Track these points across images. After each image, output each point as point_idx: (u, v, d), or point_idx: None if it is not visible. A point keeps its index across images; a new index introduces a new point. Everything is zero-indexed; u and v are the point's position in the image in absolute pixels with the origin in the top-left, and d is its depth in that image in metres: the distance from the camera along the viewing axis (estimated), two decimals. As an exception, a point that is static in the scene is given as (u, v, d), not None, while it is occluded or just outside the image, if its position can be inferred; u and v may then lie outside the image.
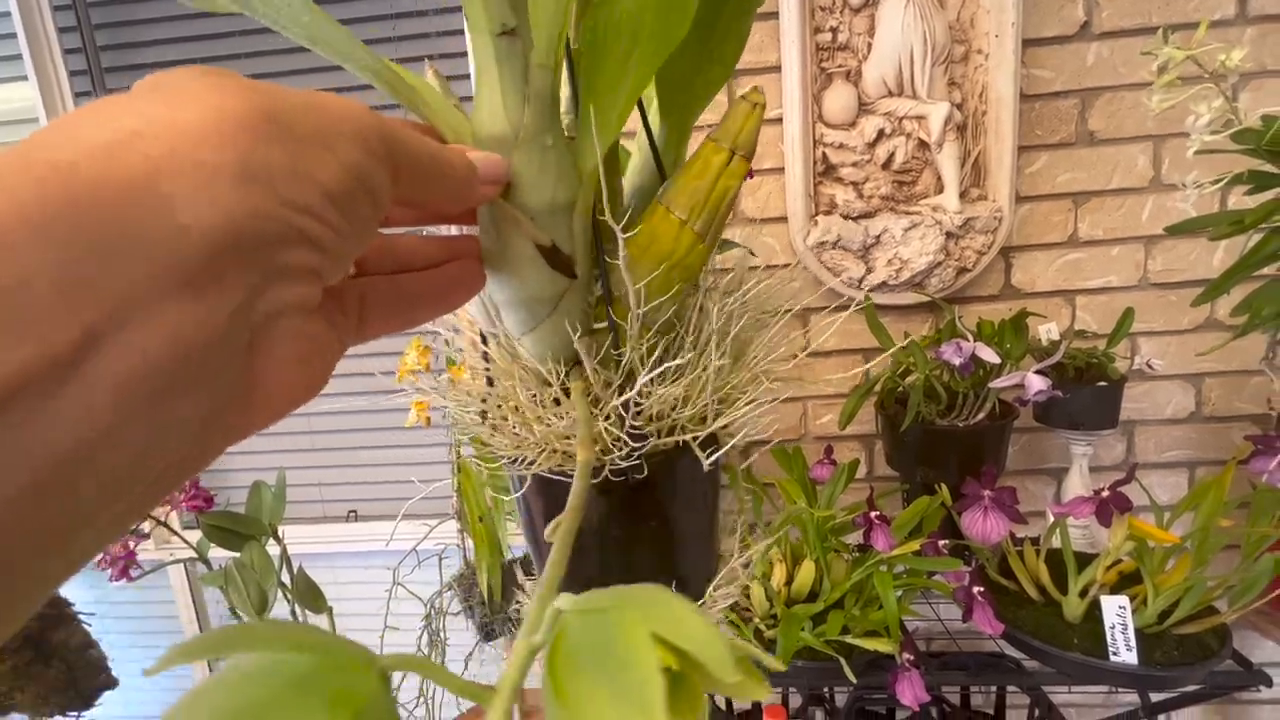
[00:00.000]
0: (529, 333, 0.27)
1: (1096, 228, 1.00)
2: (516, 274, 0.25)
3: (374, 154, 0.16)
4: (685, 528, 0.32)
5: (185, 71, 0.14)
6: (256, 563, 0.99)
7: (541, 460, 0.28)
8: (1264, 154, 0.38)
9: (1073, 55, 0.96)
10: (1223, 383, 1.03)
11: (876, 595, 0.69)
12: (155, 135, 0.12)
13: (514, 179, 0.23)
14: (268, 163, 0.14)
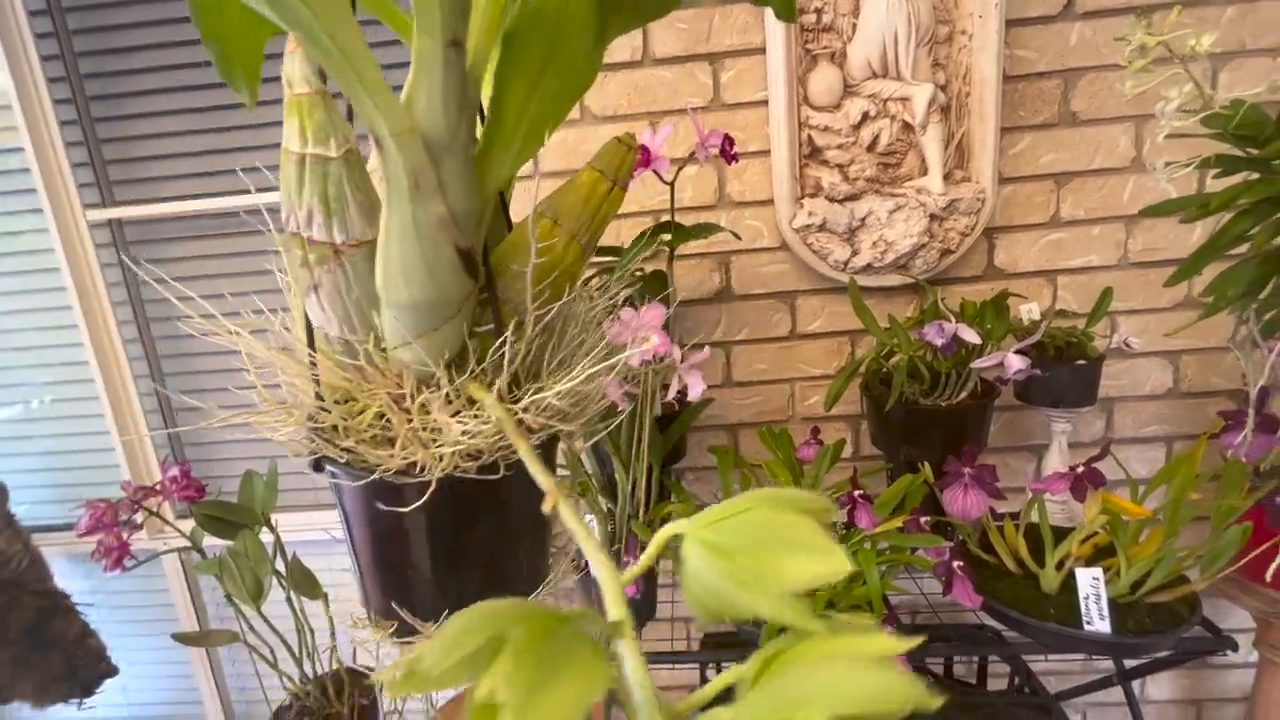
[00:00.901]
0: (424, 335, 0.27)
1: (1078, 208, 1.01)
2: (434, 276, 0.26)
3: None
4: (531, 524, 0.33)
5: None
6: (250, 550, 1.00)
7: (440, 465, 0.28)
8: (1231, 138, 0.39)
9: (1056, 35, 0.96)
10: (1199, 359, 1.05)
11: (861, 571, 0.71)
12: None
13: (445, 183, 0.24)
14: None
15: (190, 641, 1.07)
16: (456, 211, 0.25)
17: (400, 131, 0.24)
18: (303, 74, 0.24)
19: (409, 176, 0.24)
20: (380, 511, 0.29)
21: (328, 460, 0.29)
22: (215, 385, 1.32)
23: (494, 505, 0.31)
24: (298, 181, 0.25)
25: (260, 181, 1.23)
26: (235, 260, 1.27)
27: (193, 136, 1.22)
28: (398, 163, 0.24)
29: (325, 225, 0.26)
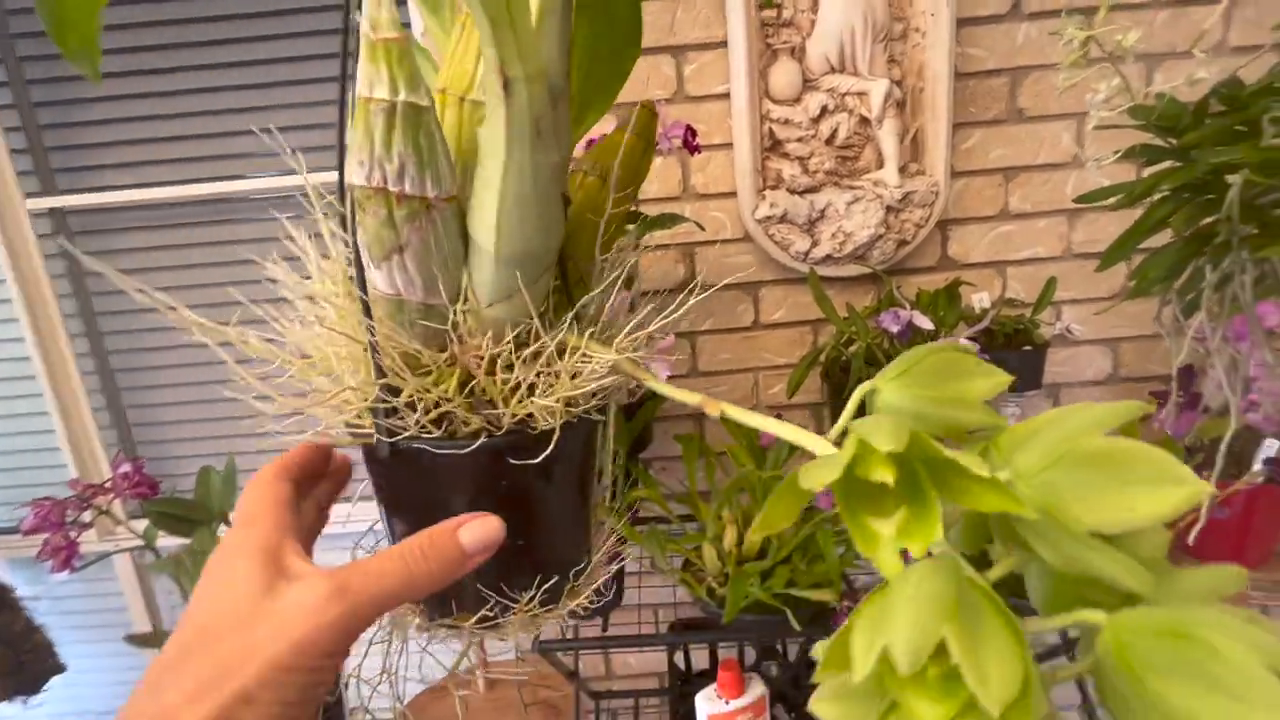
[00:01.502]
0: (529, 288, 0.27)
1: (1025, 201, 1.06)
2: (545, 225, 0.26)
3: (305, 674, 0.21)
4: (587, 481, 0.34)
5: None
6: (207, 548, 0.97)
7: (562, 414, 0.28)
8: (1155, 129, 0.42)
9: (1004, 35, 1.00)
10: (1136, 346, 1.11)
11: (820, 551, 0.73)
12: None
13: (557, 131, 0.25)
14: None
15: (145, 643, 1.04)
16: (562, 160, 0.26)
17: (534, 74, 0.23)
18: (390, 17, 0.23)
19: (533, 123, 0.24)
20: (490, 480, 0.29)
21: (413, 440, 0.27)
22: (168, 381, 1.28)
23: (571, 460, 0.32)
24: (388, 132, 0.24)
25: (219, 169, 1.20)
26: (189, 251, 1.24)
27: (142, 123, 1.18)
28: (525, 108, 0.24)
29: (418, 179, 0.25)
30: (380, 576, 0.22)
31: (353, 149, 0.25)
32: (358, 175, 0.25)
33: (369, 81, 0.24)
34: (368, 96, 0.24)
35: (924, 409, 0.18)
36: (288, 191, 1.20)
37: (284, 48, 1.15)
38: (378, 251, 0.26)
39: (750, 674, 0.86)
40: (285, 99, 1.17)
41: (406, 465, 0.28)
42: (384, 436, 0.27)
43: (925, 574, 0.15)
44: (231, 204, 1.21)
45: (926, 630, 0.13)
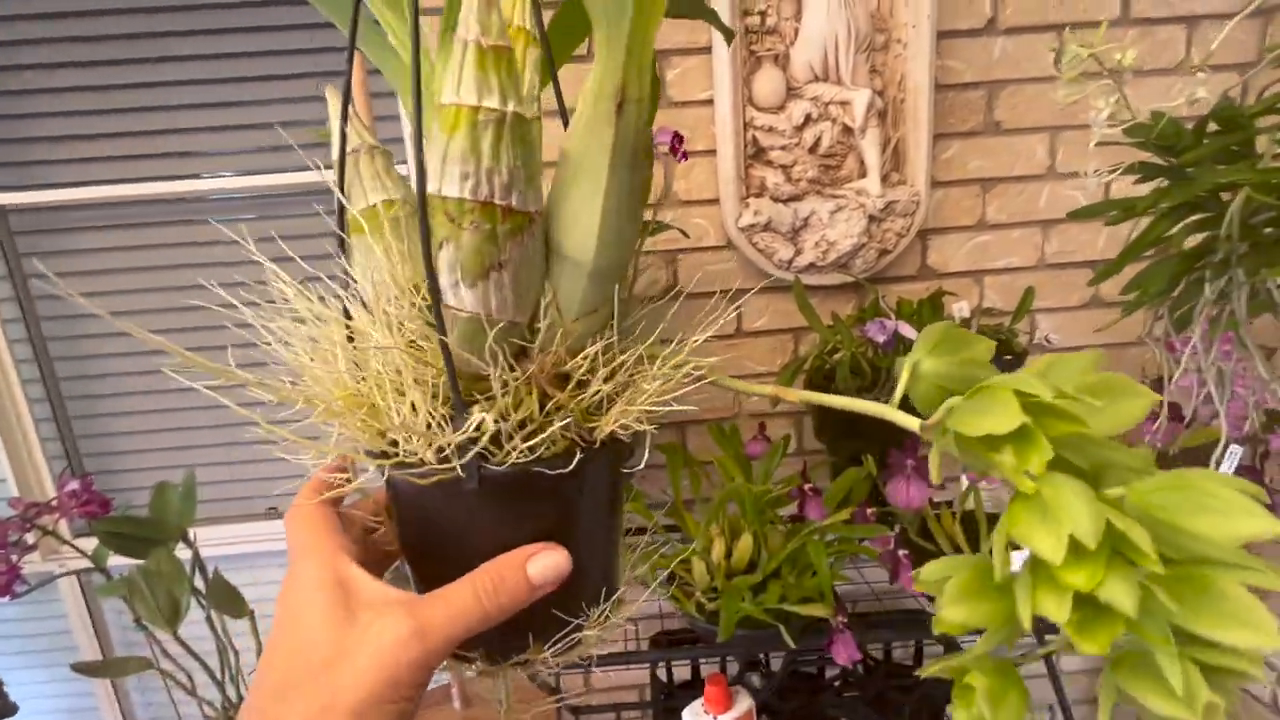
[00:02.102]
0: (608, 301, 0.27)
1: (1001, 212, 1.07)
2: (631, 239, 0.27)
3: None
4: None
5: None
6: (165, 569, 0.92)
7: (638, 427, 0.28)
8: (1152, 147, 0.42)
9: (981, 49, 1.02)
10: (1107, 355, 1.13)
11: (810, 563, 0.72)
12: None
13: (649, 144, 0.26)
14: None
15: (94, 672, 0.97)
16: (649, 176, 0.27)
17: (642, 96, 0.24)
18: (499, 24, 0.22)
19: (635, 140, 0.25)
20: (570, 502, 0.27)
21: (510, 465, 0.25)
22: (115, 390, 1.21)
23: (620, 475, 0.31)
24: (496, 144, 0.23)
25: (173, 168, 1.14)
26: (142, 254, 1.17)
27: (90, 118, 1.11)
28: (632, 127, 0.24)
29: (524, 193, 0.24)
30: (458, 616, 0.23)
31: (448, 159, 0.23)
32: (458, 188, 0.23)
33: (478, 89, 0.22)
34: (476, 105, 0.22)
35: (953, 370, 0.24)
36: (249, 193, 1.15)
37: (245, 42, 1.09)
38: (474, 268, 0.24)
39: (736, 687, 0.85)
40: (241, 95, 1.11)
41: (472, 497, 0.26)
42: (474, 466, 0.25)
43: (1067, 482, 0.19)
44: (187, 204, 1.15)
45: (1097, 515, 0.18)
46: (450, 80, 0.22)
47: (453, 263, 0.24)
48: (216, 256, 1.16)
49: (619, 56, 0.23)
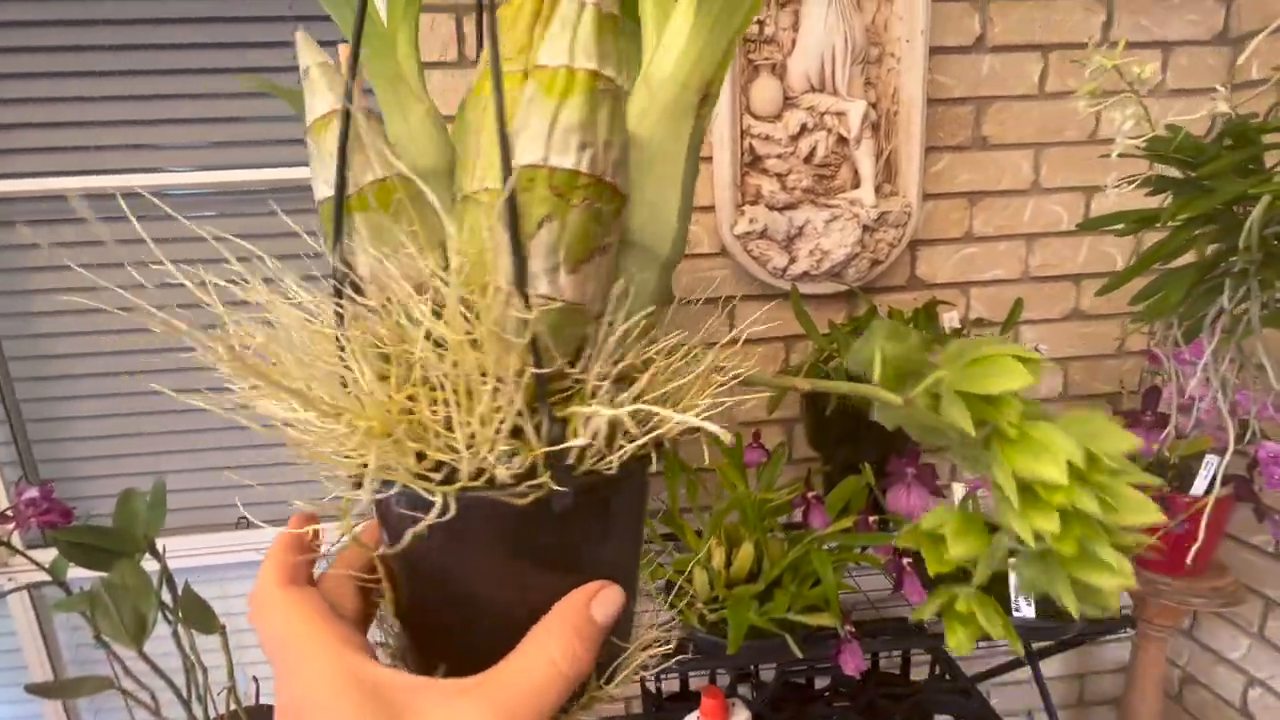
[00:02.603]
0: (674, 295, 0.26)
1: (988, 225, 1.10)
2: (687, 227, 0.25)
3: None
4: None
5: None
6: (131, 582, 0.87)
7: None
8: (1171, 160, 0.43)
9: (970, 65, 1.04)
10: (1084, 366, 1.17)
11: (812, 572, 0.72)
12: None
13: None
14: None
15: (52, 693, 0.91)
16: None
17: (719, 92, 0.24)
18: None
19: (702, 134, 0.25)
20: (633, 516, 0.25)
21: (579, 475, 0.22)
22: (70, 393, 1.14)
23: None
24: (611, 117, 0.21)
25: (131, 160, 1.09)
26: (98, 250, 1.11)
27: (43, 106, 1.05)
28: (705, 120, 0.24)
29: (624, 173, 0.22)
30: (544, 690, 0.19)
31: (559, 127, 0.20)
32: (574, 159, 0.20)
33: (599, 56, 0.20)
34: (596, 71, 0.20)
35: (903, 355, 0.26)
36: (208, 189, 1.10)
37: (210, 33, 1.05)
38: (579, 251, 0.21)
39: (733, 700, 0.84)
40: (199, 87, 1.06)
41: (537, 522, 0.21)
42: (567, 477, 0.21)
43: (1048, 426, 0.23)
44: (142, 199, 1.10)
45: (1078, 446, 0.22)
46: (557, 41, 0.20)
47: (553, 245, 0.21)
48: (175, 254, 1.10)
49: (716, 52, 0.22)
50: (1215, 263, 0.43)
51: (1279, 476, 0.75)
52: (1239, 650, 1.13)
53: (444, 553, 0.22)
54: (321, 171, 0.21)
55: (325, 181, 0.21)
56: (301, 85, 0.21)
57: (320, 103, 0.20)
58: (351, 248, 0.22)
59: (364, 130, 0.22)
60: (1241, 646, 1.13)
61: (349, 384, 0.22)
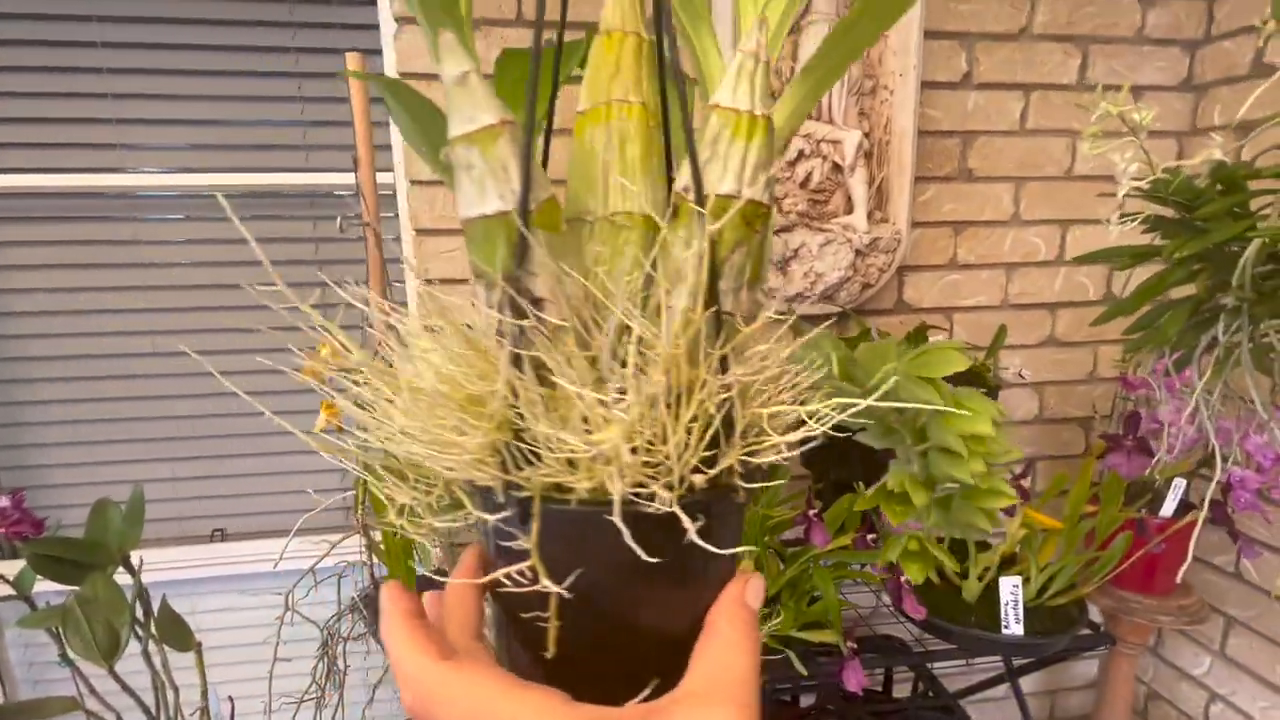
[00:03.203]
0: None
1: (971, 254, 1.14)
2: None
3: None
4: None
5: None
6: (103, 596, 0.83)
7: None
8: (1169, 202, 0.46)
9: (957, 100, 1.09)
10: (1059, 391, 1.22)
11: (810, 589, 0.73)
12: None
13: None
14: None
15: (14, 716, 0.86)
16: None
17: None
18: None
19: None
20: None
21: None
22: (45, 397, 1.10)
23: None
24: (774, 156, 0.23)
25: (97, 160, 1.06)
26: (60, 250, 1.07)
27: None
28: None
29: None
30: (751, 679, 0.20)
31: (751, 164, 0.22)
32: (763, 192, 0.23)
33: (768, 103, 0.23)
34: (770, 116, 0.23)
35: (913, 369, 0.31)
36: (179, 192, 1.07)
37: (186, 34, 1.03)
38: (755, 272, 0.23)
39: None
40: (176, 89, 1.04)
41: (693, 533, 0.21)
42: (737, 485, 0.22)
43: (972, 393, 0.30)
44: (109, 200, 1.06)
45: (996, 405, 0.33)
46: (739, 88, 0.22)
47: (741, 266, 0.23)
48: (143, 256, 1.07)
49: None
50: (1208, 298, 0.46)
51: (1246, 500, 0.79)
52: (1201, 667, 1.18)
53: (601, 579, 0.21)
54: (487, 185, 0.21)
55: (497, 196, 0.21)
56: (450, 91, 0.20)
57: (483, 112, 0.20)
58: (527, 267, 0.22)
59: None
60: (1204, 663, 1.18)
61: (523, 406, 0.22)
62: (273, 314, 0.25)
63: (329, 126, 1.08)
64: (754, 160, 0.22)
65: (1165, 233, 0.49)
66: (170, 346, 1.10)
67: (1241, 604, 1.11)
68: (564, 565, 0.20)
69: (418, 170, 0.97)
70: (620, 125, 0.22)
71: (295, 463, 1.17)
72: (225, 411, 1.13)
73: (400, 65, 0.94)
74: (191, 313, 1.10)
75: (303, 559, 0.99)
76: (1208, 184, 0.46)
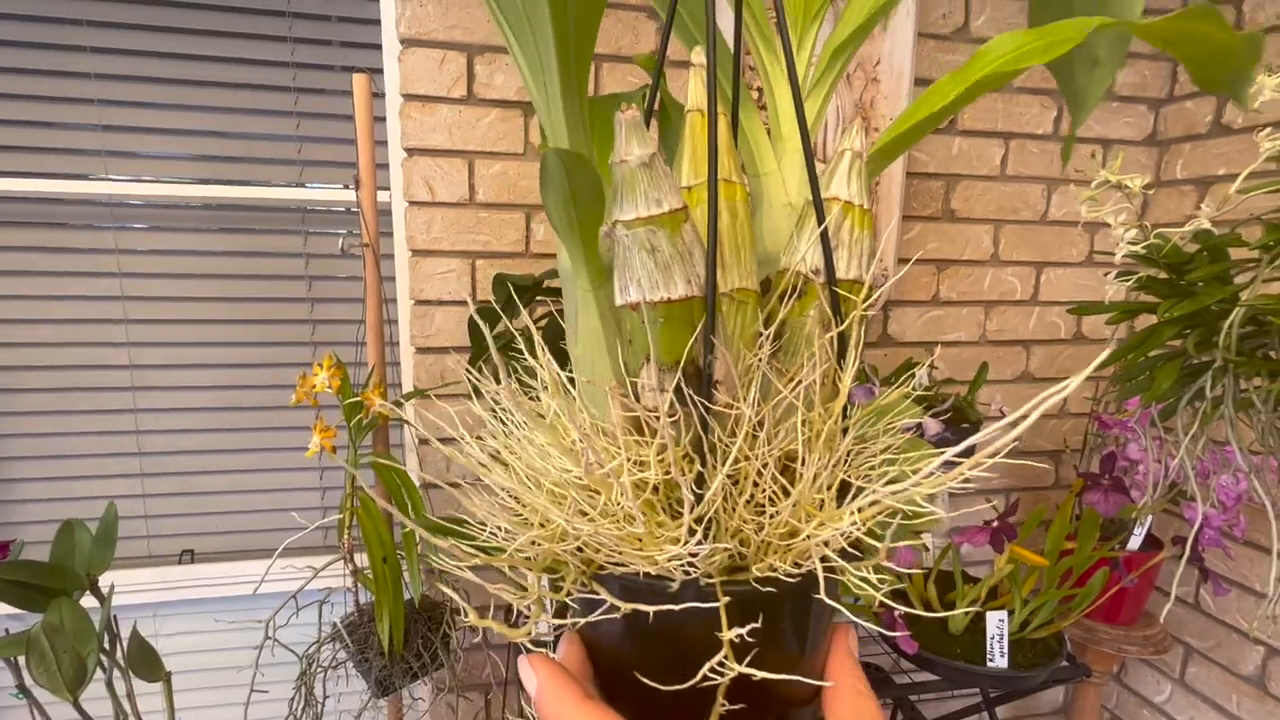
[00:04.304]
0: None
1: (952, 291, 1.18)
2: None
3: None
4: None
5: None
6: (69, 624, 0.79)
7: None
8: (1160, 264, 0.50)
9: (942, 144, 1.13)
10: (1032, 425, 1.27)
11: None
12: None
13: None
14: None
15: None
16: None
17: None
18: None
19: None
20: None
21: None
22: (15, 407, 1.04)
23: None
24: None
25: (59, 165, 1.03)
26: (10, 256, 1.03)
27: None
28: None
29: None
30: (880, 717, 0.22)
31: (855, 249, 0.25)
32: (861, 272, 0.26)
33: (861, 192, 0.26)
34: (867, 207, 0.25)
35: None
36: (164, 201, 1.04)
37: (163, 42, 1.01)
38: (858, 346, 0.26)
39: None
40: (152, 96, 1.01)
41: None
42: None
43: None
44: (86, 207, 1.02)
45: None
46: (854, 183, 0.24)
47: (858, 342, 0.24)
48: (100, 265, 1.03)
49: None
50: (1195, 354, 0.50)
51: (1210, 537, 0.83)
52: (1163, 694, 1.23)
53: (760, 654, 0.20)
54: (673, 269, 0.21)
55: (684, 280, 0.21)
56: (632, 172, 0.20)
57: (669, 196, 0.20)
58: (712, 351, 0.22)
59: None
60: (1165, 691, 1.23)
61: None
62: (260, 328, 0.25)
63: (324, 143, 1.06)
64: (869, 247, 0.24)
65: (1154, 291, 0.52)
66: (146, 360, 1.06)
67: (1200, 634, 1.16)
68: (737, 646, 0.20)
69: (415, 191, 0.97)
70: (730, 203, 0.23)
71: (267, 481, 1.13)
72: (197, 427, 1.10)
73: (404, 87, 0.94)
74: (168, 325, 1.07)
75: (279, 582, 0.97)
76: (1196, 251, 0.49)
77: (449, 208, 0.98)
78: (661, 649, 0.21)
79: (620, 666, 0.22)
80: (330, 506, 1.16)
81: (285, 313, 1.09)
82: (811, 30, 0.30)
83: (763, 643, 0.20)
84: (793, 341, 0.25)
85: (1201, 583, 0.90)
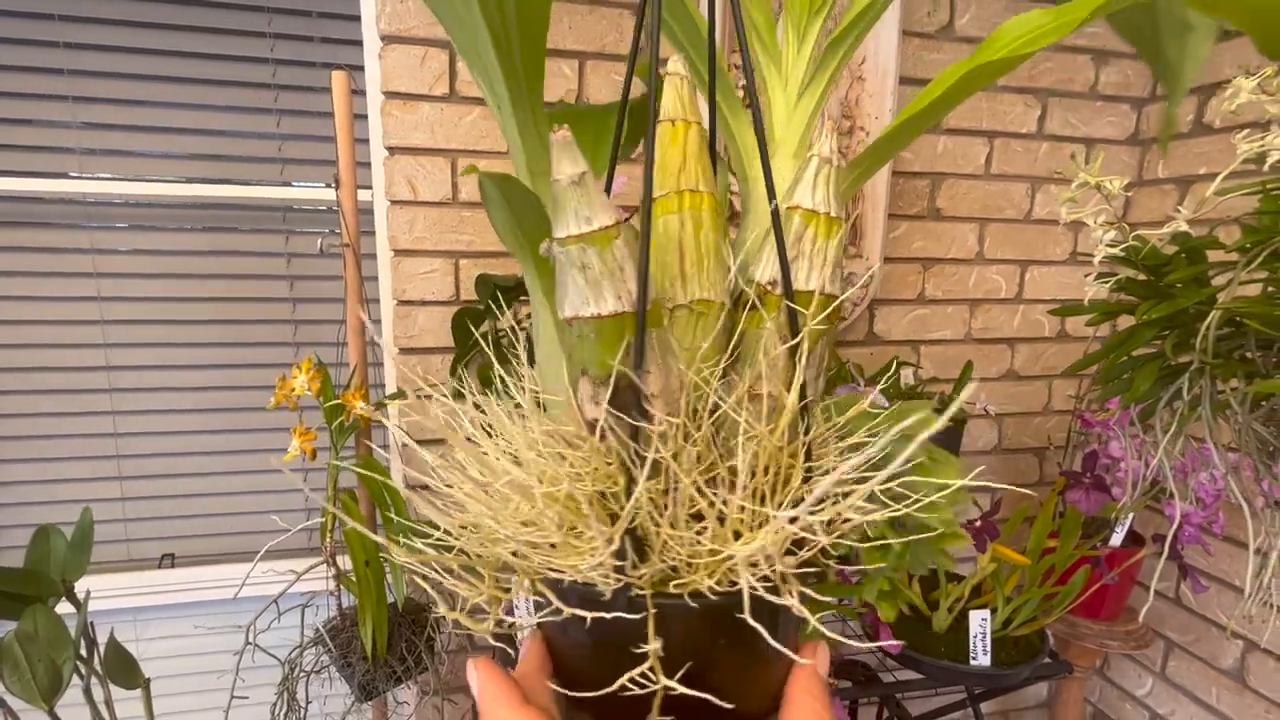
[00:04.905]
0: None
1: (938, 289, 1.19)
2: None
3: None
4: None
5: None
6: (44, 631, 0.78)
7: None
8: (1139, 266, 0.50)
9: (927, 144, 1.13)
10: (1016, 422, 1.28)
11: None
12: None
13: None
14: None
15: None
16: None
17: None
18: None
19: None
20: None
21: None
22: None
23: None
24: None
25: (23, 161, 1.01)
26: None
27: None
28: None
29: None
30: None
31: (830, 261, 0.25)
32: (838, 288, 0.26)
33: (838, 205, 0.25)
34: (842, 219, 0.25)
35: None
36: (141, 200, 1.03)
37: (145, 38, 0.99)
38: (827, 361, 0.26)
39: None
40: (131, 93, 1.00)
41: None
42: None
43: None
44: (62, 206, 1.00)
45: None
46: (818, 190, 0.23)
47: (821, 356, 0.24)
48: (78, 265, 1.01)
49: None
50: (1172, 355, 0.50)
51: (1189, 534, 0.84)
52: (1144, 688, 1.24)
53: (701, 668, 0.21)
54: (603, 286, 0.20)
55: (614, 296, 0.20)
56: (564, 191, 0.20)
57: (601, 213, 0.20)
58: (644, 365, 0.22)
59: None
60: (1146, 684, 1.24)
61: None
62: (241, 329, 0.25)
63: (306, 141, 1.05)
64: (834, 258, 0.23)
65: (1133, 292, 0.52)
66: (125, 361, 1.05)
67: (1181, 629, 1.17)
68: (672, 658, 0.20)
69: (397, 190, 0.96)
70: (694, 214, 0.23)
71: (249, 483, 1.12)
72: (177, 429, 1.08)
73: (385, 84, 0.93)
74: (147, 325, 1.05)
75: (261, 586, 0.95)
76: (1175, 253, 0.49)
77: (431, 207, 0.97)
78: (607, 653, 0.21)
79: (575, 667, 0.23)
80: (313, 509, 1.15)
81: (267, 313, 1.07)
82: (815, 24, 0.29)
83: (705, 656, 0.20)
84: (748, 354, 0.24)
85: (1181, 579, 0.91)
